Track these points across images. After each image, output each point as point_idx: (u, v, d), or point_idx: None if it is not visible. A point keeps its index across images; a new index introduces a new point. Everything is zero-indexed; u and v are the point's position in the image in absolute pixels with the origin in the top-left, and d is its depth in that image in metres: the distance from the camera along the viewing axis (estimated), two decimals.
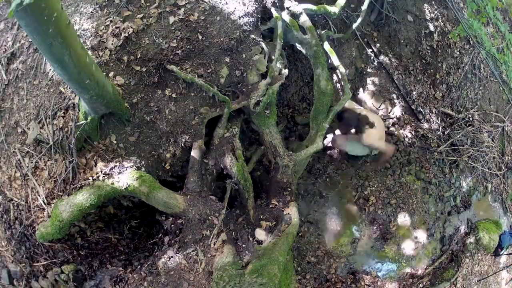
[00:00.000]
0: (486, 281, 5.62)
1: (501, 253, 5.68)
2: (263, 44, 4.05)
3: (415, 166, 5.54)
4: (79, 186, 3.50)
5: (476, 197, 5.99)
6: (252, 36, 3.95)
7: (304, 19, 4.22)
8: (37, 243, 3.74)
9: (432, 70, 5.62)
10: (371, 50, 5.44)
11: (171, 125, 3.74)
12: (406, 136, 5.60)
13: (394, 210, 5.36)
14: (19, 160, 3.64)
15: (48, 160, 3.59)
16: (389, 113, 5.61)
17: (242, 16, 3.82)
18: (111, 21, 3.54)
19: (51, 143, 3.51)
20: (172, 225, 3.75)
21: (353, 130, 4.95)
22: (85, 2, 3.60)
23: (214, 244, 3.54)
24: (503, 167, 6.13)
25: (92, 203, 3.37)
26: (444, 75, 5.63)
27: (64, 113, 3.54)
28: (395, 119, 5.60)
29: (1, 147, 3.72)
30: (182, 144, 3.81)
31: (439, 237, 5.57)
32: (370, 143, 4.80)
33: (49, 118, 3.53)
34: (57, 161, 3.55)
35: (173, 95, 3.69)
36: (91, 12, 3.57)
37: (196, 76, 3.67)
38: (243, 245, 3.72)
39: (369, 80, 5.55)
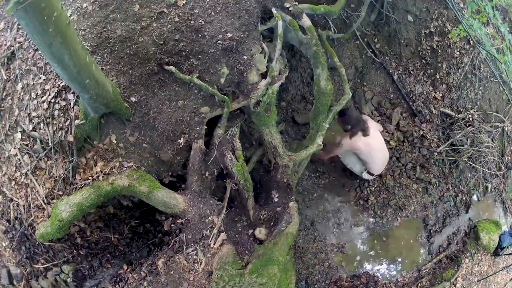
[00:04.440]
0: (486, 281, 5.62)
1: (500, 253, 5.68)
2: (263, 44, 4.05)
3: (415, 166, 5.54)
4: (79, 186, 3.50)
5: (476, 197, 5.99)
6: (252, 36, 3.95)
7: (304, 19, 4.22)
8: (37, 243, 3.74)
9: (432, 70, 5.62)
10: (371, 50, 5.44)
11: (171, 125, 3.74)
12: (406, 136, 5.60)
13: (394, 211, 5.37)
14: (19, 160, 3.64)
15: (48, 160, 3.59)
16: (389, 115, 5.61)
17: (242, 16, 3.82)
18: (111, 21, 3.54)
19: (51, 143, 3.51)
20: (172, 225, 3.75)
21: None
22: (85, 1, 3.60)
23: (214, 244, 3.54)
24: (503, 167, 6.13)
25: (92, 202, 3.37)
26: (444, 75, 5.63)
27: (64, 113, 3.54)
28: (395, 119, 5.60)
29: (1, 147, 3.72)
30: (182, 144, 3.81)
31: (439, 237, 5.58)
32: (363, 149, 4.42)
33: (49, 118, 3.53)
34: (57, 161, 3.55)
35: (173, 95, 3.69)
36: (91, 11, 3.57)
37: (196, 76, 3.68)
38: (243, 245, 3.71)
39: (369, 80, 5.55)
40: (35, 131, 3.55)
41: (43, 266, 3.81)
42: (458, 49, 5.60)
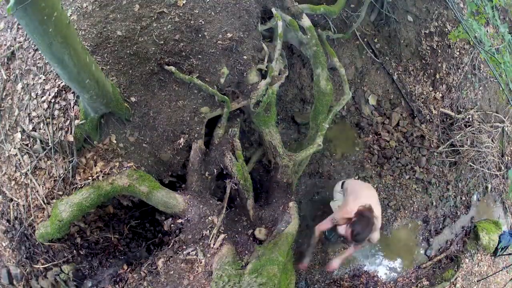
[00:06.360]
0: (486, 281, 5.62)
1: (499, 253, 5.68)
2: (263, 44, 4.05)
3: (415, 166, 5.54)
4: (79, 186, 3.50)
5: (476, 197, 5.99)
6: (252, 36, 3.95)
7: (304, 19, 4.22)
8: (37, 243, 3.74)
9: (432, 70, 5.62)
10: (371, 50, 5.44)
11: (171, 125, 3.74)
12: (406, 136, 5.60)
13: (394, 211, 5.36)
14: (19, 160, 3.64)
15: (48, 160, 3.59)
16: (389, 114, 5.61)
17: (242, 16, 3.83)
18: (111, 21, 3.54)
19: (51, 143, 3.51)
20: (172, 225, 3.75)
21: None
22: (85, 1, 3.60)
23: (214, 244, 3.54)
24: (503, 168, 6.13)
25: (92, 202, 3.37)
26: (444, 75, 5.64)
27: (64, 113, 3.54)
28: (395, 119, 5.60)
29: (1, 147, 3.72)
30: (182, 144, 3.81)
31: (439, 237, 5.57)
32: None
33: (49, 118, 3.53)
34: (57, 161, 3.55)
35: (173, 95, 3.69)
36: (91, 11, 3.57)
37: (196, 76, 3.68)
38: (243, 245, 3.71)
39: (369, 80, 5.55)
40: (35, 131, 3.55)
41: (43, 266, 3.81)
42: (458, 49, 5.61)
